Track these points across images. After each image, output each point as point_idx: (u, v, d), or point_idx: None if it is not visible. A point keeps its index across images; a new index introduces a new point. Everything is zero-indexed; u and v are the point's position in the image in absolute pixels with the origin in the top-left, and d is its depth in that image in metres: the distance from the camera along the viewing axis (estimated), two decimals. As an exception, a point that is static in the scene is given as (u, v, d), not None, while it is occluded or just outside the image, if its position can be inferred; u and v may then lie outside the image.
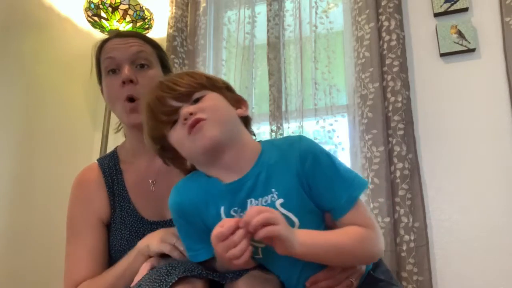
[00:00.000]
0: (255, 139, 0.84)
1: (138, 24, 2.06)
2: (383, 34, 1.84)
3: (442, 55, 1.83)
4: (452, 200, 1.70)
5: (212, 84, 0.80)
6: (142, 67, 1.04)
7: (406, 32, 1.89)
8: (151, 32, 2.15)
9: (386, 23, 1.84)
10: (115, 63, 1.03)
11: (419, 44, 1.90)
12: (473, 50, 1.80)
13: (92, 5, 1.99)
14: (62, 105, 2.10)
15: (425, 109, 1.82)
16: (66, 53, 2.15)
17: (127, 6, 2.00)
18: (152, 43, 1.10)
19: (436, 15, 1.88)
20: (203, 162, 0.78)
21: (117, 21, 2.02)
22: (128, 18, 2.02)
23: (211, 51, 2.26)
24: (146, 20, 2.08)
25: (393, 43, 1.81)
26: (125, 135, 1.15)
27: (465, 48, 1.79)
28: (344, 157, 1.87)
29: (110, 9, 1.98)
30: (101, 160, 1.10)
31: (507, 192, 1.64)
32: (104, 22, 2.03)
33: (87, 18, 2.05)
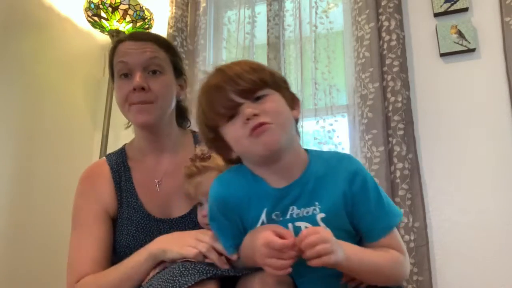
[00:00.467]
0: (299, 135, 0.86)
1: (138, 24, 2.06)
2: (383, 34, 1.84)
3: (442, 55, 1.83)
4: (452, 200, 1.70)
5: (274, 82, 0.79)
6: (154, 73, 1.04)
7: (406, 32, 1.89)
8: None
9: (386, 23, 1.84)
10: (128, 68, 1.03)
11: (419, 44, 1.90)
12: (473, 50, 1.79)
13: (92, 5, 1.99)
14: (62, 105, 2.10)
15: (425, 109, 1.82)
16: (66, 53, 2.15)
17: (127, 6, 2.00)
18: (166, 48, 1.09)
19: (436, 15, 1.88)
20: (257, 163, 0.79)
21: (117, 21, 2.02)
22: (128, 18, 2.02)
23: (211, 51, 2.26)
24: (146, 20, 2.08)
25: (393, 43, 1.81)
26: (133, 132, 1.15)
27: (465, 48, 1.79)
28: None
29: (110, 9, 1.98)
30: (109, 156, 1.12)
31: (507, 192, 1.64)
32: (104, 22, 2.03)
33: (87, 18, 2.05)
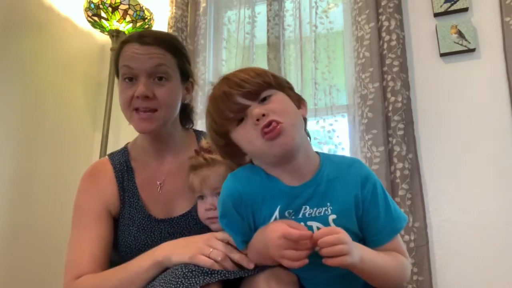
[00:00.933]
0: (309, 136, 0.86)
1: (138, 24, 2.06)
2: (383, 34, 1.84)
3: (442, 55, 1.83)
4: (452, 200, 1.70)
5: (278, 83, 0.81)
6: (160, 80, 1.01)
7: (406, 32, 1.89)
8: (151, 32, 2.15)
9: (386, 23, 1.84)
10: (132, 73, 1.00)
11: (419, 44, 1.90)
12: (473, 50, 1.79)
13: (92, 5, 1.99)
14: (62, 105, 2.10)
15: (425, 109, 1.82)
16: (66, 53, 2.15)
17: (127, 6, 2.00)
18: (174, 51, 1.04)
19: (436, 15, 1.88)
20: (271, 163, 0.80)
21: (117, 21, 2.02)
22: (128, 18, 2.02)
23: (211, 51, 2.26)
24: (146, 20, 2.08)
25: (393, 43, 1.81)
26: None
27: (465, 48, 1.79)
28: (344, 157, 1.87)
29: (110, 9, 1.98)
30: (112, 156, 1.11)
31: (507, 192, 1.64)
32: (104, 22, 2.03)
33: (87, 18, 2.05)
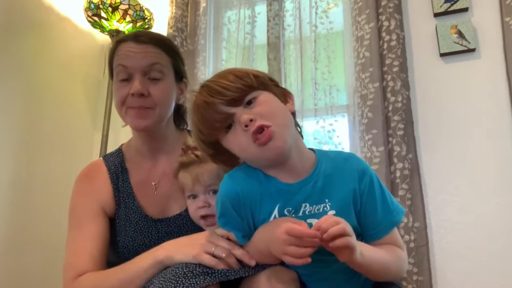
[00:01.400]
0: (300, 131, 0.85)
1: (138, 24, 2.06)
2: (383, 34, 1.84)
3: (442, 55, 1.83)
4: (452, 200, 1.70)
5: (260, 82, 0.79)
6: (155, 78, 1.02)
7: (406, 32, 1.89)
8: (151, 32, 2.15)
9: (386, 23, 1.84)
10: (127, 72, 1.01)
11: (419, 44, 1.90)
12: (473, 50, 1.79)
13: (92, 5, 1.99)
14: (62, 105, 2.10)
15: (425, 109, 1.82)
16: (66, 53, 2.15)
17: (127, 6, 2.00)
18: (168, 51, 1.06)
19: (436, 15, 1.88)
20: (267, 166, 0.79)
21: (117, 21, 2.02)
22: (128, 18, 2.02)
23: (211, 51, 2.26)
24: (146, 20, 2.08)
25: (393, 43, 1.81)
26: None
27: (465, 48, 1.79)
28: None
29: (110, 9, 1.98)
30: (106, 158, 1.11)
31: (507, 192, 1.64)
32: (104, 22, 2.03)
33: (87, 18, 2.05)
